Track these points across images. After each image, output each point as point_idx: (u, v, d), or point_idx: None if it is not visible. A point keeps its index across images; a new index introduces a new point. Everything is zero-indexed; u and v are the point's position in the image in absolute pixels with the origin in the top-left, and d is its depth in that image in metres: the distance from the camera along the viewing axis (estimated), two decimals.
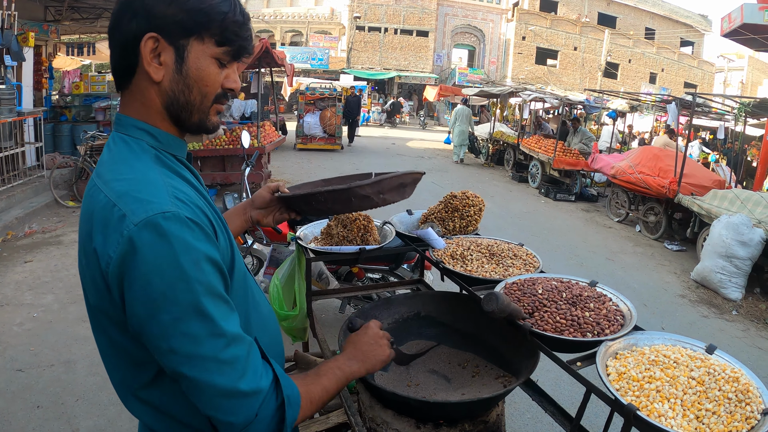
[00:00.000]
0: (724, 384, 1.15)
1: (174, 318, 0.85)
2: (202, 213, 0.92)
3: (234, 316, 0.93)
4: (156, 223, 0.84)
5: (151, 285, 0.84)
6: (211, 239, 0.92)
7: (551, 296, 1.47)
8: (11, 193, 7.32)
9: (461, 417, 1.38)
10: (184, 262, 0.84)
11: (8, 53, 7.71)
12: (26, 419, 3.11)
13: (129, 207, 0.86)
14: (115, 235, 0.85)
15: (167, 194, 0.88)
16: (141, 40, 0.93)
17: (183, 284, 0.85)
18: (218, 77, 1.01)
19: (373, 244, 2.12)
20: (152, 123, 1.00)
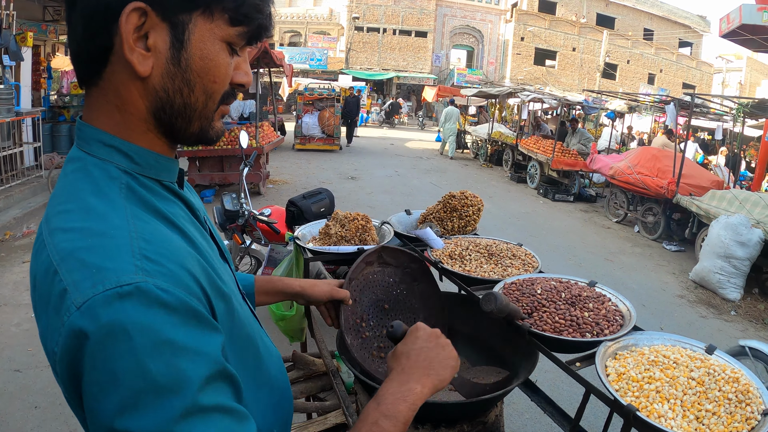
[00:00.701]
0: (724, 384, 1.14)
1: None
2: (189, 275, 0.64)
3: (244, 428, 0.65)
4: (107, 304, 0.56)
5: (106, 400, 0.56)
6: (201, 318, 0.62)
7: (550, 296, 1.47)
8: (9, 193, 7.31)
9: (460, 417, 1.38)
10: (152, 366, 0.56)
11: (6, 53, 7.70)
12: (24, 420, 3.09)
13: (72, 277, 0.59)
14: (55, 322, 0.59)
15: (130, 253, 0.60)
16: (121, 12, 0.63)
17: (152, 401, 0.56)
18: (229, 69, 0.73)
19: (371, 244, 2.11)
20: (127, 137, 0.70)
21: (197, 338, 0.60)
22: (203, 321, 0.62)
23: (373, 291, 1.61)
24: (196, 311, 0.61)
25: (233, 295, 0.76)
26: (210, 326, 0.63)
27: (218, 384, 0.62)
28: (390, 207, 8.92)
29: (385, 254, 1.65)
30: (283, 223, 3.89)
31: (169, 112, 0.71)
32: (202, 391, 0.59)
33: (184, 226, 0.72)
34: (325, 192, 3.46)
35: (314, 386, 1.97)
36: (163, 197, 0.73)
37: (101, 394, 0.56)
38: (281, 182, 10.66)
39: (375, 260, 1.64)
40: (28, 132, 8.43)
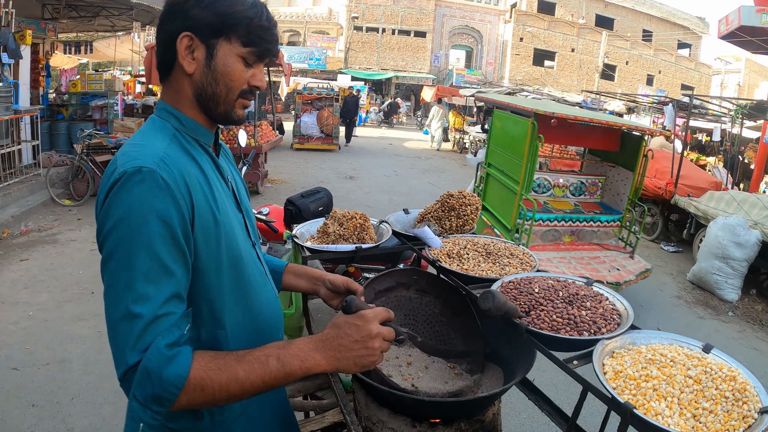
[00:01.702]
0: (721, 383, 1.14)
1: (110, 254, 0.95)
2: (183, 182, 1.00)
3: (164, 284, 0.95)
4: (130, 173, 0.95)
5: (106, 223, 0.96)
6: (177, 204, 0.98)
7: (548, 295, 1.47)
8: (7, 191, 7.30)
9: (457, 416, 1.37)
10: (135, 210, 0.94)
11: (5, 51, 7.69)
12: (21, 418, 3.09)
13: (121, 161, 0.99)
14: (105, 182, 0.99)
15: (155, 156, 1.00)
16: (177, 38, 1.08)
17: (126, 229, 0.94)
18: (243, 74, 1.13)
19: (369, 242, 2.11)
20: (180, 109, 1.14)
21: (168, 212, 0.97)
22: (178, 206, 0.98)
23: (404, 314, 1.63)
24: (176, 199, 0.98)
25: (229, 226, 1.12)
26: (180, 212, 0.99)
27: (168, 245, 0.97)
28: (388, 206, 8.93)
29: (420, 280, 1.67)
30: (281, 222, 3.88)
31: (204, 97, 1.13)
32: (155, 241, 0.95)
33: (205, 169, 1.11)
34: (323, 191, 3.46)
35: (312, 385, 1.97)
36: (197, 149, 1.14)
37: (106, 218, 0.97)
38: (280, 181, 10.66)
39: (410, 284, 1.66)
40: (26, 130, 8.42)
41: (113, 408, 3.22)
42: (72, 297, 4.73)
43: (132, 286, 0.92)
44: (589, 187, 6.45)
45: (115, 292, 0.93)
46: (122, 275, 0.93)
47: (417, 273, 1.69)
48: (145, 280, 0.93)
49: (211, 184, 1.10)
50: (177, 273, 0.98)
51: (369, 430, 1.40)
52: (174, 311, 0.97)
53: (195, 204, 1.02)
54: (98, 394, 3.36)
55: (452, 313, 1.65)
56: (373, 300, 1.54)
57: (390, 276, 1.63)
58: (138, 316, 0.91)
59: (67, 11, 10.81)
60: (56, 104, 11.53)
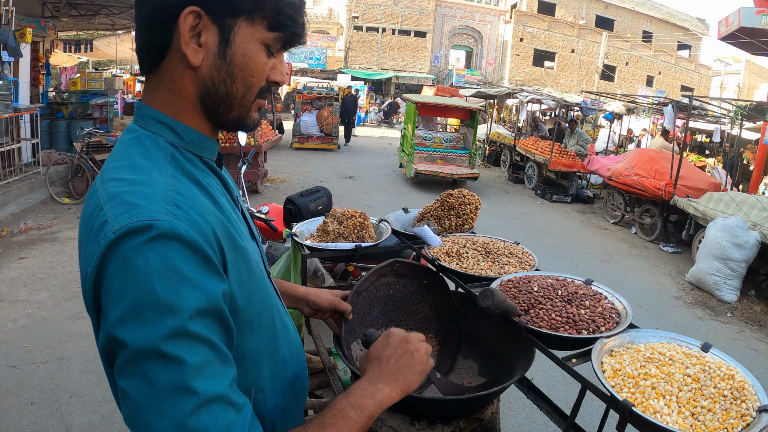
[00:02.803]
0: (719, 381, 1.15)
1: (134, 356, 0.66)
2: (208, 226, 0.74)
3: (223, 372, 0.72)
4: (137, 231, 0.67)
5: (113, 311, 0.67)
6: (211, 264, 0.72)
7: (547, 294, 1.47)
8: (6, 189, 7.29)
9: (456, 414, 1.38)
10: (159, 286, 0.66)
11: (5, 49, 7.68)
12: (20, 415, 3.09)
13: (113, 211, 0.70)
14: (93, 245, 0.70)
15: (163, 199, 0.72)
16: (180, 14, 0.77)
17: (152, 315, 0.66)
18: (265, 67, 0.86)
19: (368, 241, 2.12)
20: (178, 116, 0.84)
21: (203, 276, 0.70)
22: (211, 265, 0.73)
23: (384, 302, 1.65)
24: (207, 255, 0.72)
25: (254, 265, 0.87)
26: (217, 272, 0.73)
27: (211, 320, 0.71)
28: (387, 206, 8.93)
29: (399, 267, 1.68)
30: (280, 221, 3.89)
31: (214, 98, 0.84)
32: (194, 319, 0.68)
33: (215, 195, 0.84)
34: (322, 190, 3.47)
35: (311, 383, 1.97)
36: (201, 169, 0.86)
37: (111, 301, 0.68)
38: (279, 181, 10.65)
39: (389, 272, 1.67)
40: (26, 128, 8.41)
41: (112, 406, 3.22)
42: (71, 295, 4.73)
43: (188, 388, 0.67)
44: (455, 139, 12.43)
45: (164, 406, 0.66)
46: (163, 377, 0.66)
47: (397, 262, 1.68)
48: (201, 375, 0.68)
49: (228, 217, 0.83)
50: (231, 357, 0.75)
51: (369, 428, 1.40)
52: (247, 401, 0.77)
53: (226, 253, 0.77)
54: (97, 392, 3.36)
55: (426, 290, 1.69)
56: (356, 299, 1.53)
57: (372, 275, 1.62)
58: (223, 425, 0.69)
59: (68, 9, 10.80)
60: (56, 102, 11.52)
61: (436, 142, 12.05)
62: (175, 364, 0.66)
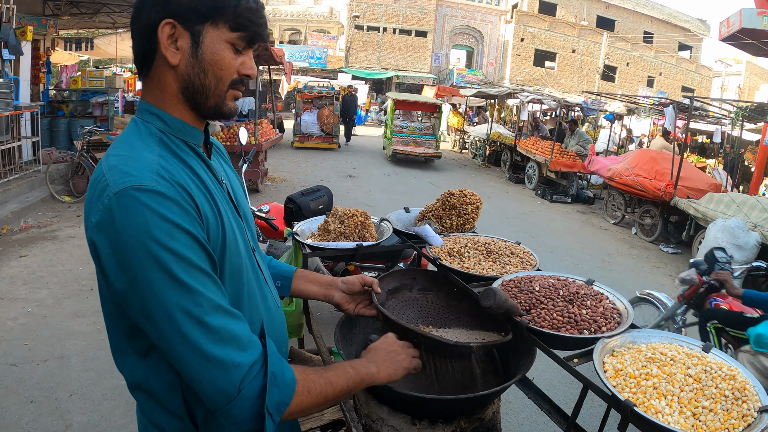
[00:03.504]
0: (720, 382, 1.15)
1: (149, 284, 0.87)
2: (185, 192, 0.93)
3: (216, 289, 0.93)
4: (131, 193, 0.87)
5: (124, 254, 0.87)
6: (190, 215, 0.92)
7: (548, 294, 1.47)
8: (7, 187, 7.29)
9: (457, 414, 1.38)
10: (155, 229, 0.86)
11: (6, 47, 7.68)
12: (19, 414, 3.09)
13: (112, 178, 0.89)
14: (97, 203, 0.89)
15: (150, 171, 0.91)
16: (158, 26, 0.97)
17: (154, 252, 0.86)
18: (233, 62, 1.03)
19: (370, 240, 2.12)
20: (165, 108, 1.03)
21: (185, 220, 0.90)
22: (190, 214, 0.92)
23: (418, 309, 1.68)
24: (185, 208, 0.91)
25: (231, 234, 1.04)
26: (195, 219, 0.93)
27: (200, 252, 0.92)
28: (388, 205, 8.92)
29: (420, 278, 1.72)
30: (281, 220, 3.89)
31: (192, 90, 1.02)
32: (188, 253, 0.89)
33: (198, 173, 1.02)
34: (323, 189, 3.47)
35: None
36: (185, 152, 1.04)
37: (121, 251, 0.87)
38: (279, 180, 10.65)
39: (412, 286, 1.71)
40: (26, 126, 8.41)
41: (111, 404, 3.22)
42: (71, 293, 4.73)
43: (197, 302, 0.89)
44: (425, 128, 15.62)
45: (179, 317, 0.88)
46: (174, 298, 0.88)
47: (417, 273, 1.74)
48: (205, 291, 0.91)
49: (209, 189, 1.02)
50: (219, 282, 0.97)
51: (369, 427, 1.41)
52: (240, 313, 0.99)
53: (203, 214, 0.96)
54: (96, 391, 3.36)
55: (457, 302, 1.69)
56: (386, 299, 1.59)
57: (393, 276, 1.67)
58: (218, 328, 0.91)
59: (68, 8, 10.81)
60: (56, 101, 11.52)
61: (410, 129, 15.46)
62: (184, 285, 0.88)
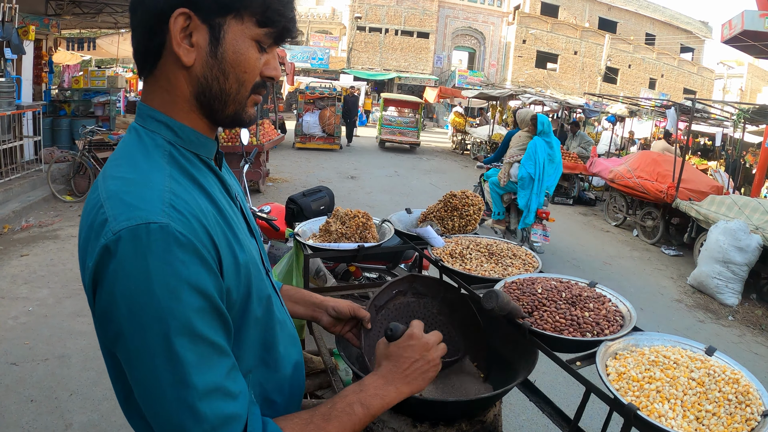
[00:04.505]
0: (724, 385, 1.14)
1: (139, 352, 0.72)
2: (203, 230, 0.77)
3: (220, 364, 0.77)
4: (135, 234, 0.71)
5: (117, 310, 0.72)
6: (207, 264, 0.76)
7: (551, 296, 1.46)
8: (8, 186, 7.30)
9: (458, 416, 1.37)
10: (157, 287, 0.71)
11: (8, 46, 7.70)
12: (19, 413, 3.09)
13: (113, 211, 0.74)
14: (94, 242, 0.74)
15: (161, 200, 0.75)
16: (170, 16, 0.80)
17: (152, 315, 0.71)
18: (258, 63, 0.87)
19: (371, 241, 2.11)
20: (174, 115, 0.87)
21: (198, 275, 0.74)
22: (206, 264, 0.76)
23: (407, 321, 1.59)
24: (202, 255, 0.75)
25: (252, 262, 0.89)
26: (211, 270, 0.77)
27: (208, 316, 0.76)
28: (389, 206, 8.92)
29: (417, 284, 1.64)
30: (282, 221, 3.88)
31: (208, 96, 0.86)
32: (192, 317, 0.73)
33: (214, 194, 0.87)
34: (325, 190, 3.46)
35: (312, 384, 1.96)
36: (199, 168, 0.88)
37: (113, 303, 0.72)
38: (281, 180, 10.65)
39: (407, 290, 1.63)
40: (28, 125, 8.43)
41: (111, 404, 3.22)
42: (72, 293, 4.73)
43: (188, 383, 0.73)
44: (410, 121, 18.51)
45: (167, 395, 0.73)
46: (166, 374, 0.72)
47: (415, 278, 1.67)
48: (200, 370, 0.74)
49: (226, 216, 0.86)
50: (227, 348, 0.80)
51: (369, 429, 1.40)
52: (241, 387, 0.82)
53: (222, 256, 0.80)
54: (97, 390, 3.35)
55: (450, 311, 1.64)
56: (375, 316, 1.51)
57: (389, 288, 1.60)
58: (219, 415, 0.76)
59: (71, 7, 10.82)
60: (58, 100, 11.53)
61: (397, 122, 18.47)
62: (176, 361, 0.72)
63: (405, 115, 19.04)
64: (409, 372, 1.01)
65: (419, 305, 1.64)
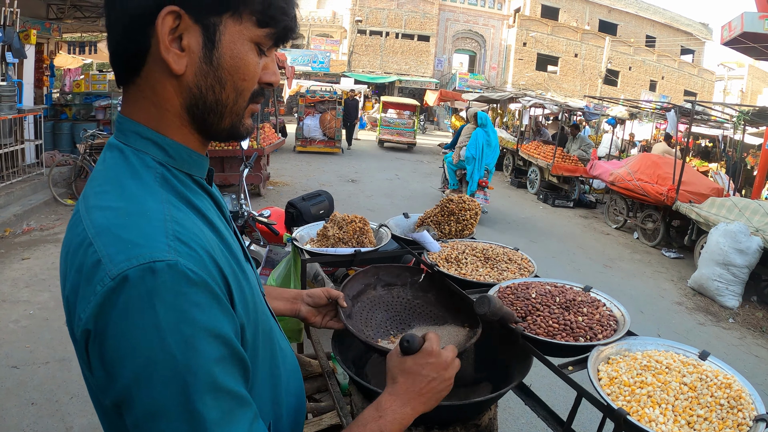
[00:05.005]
0: (716, 390, 1.15)
1: (150, 415, 0.62)
2: (213, 263, 0.68)
3: (243, 417, 0.69)
4: (139, 277, 0.60)
5: (122, 367, 0.61)
6: (222, 304, 0.67)
7: (545, 300, 1.47)
8: (10, 190, 7.32)
9: (453, 420, 1.38)
10: (171, 339, 0.61)
11: (10, 50, 7.73)
12: (20, 416, 3.10)
13: (107, 250, 0.63)
14: (86, 289, 0.63)
15: (163, 233, 0.64)
16: (157, 16, 0.68)
17: (166, 372, 0.61)
18: (257, 68, 0.77)
19: (368, 246, 2.12)
20: (163, 131, 0.75)
21: (215, 319, 0.65)
22: (221, 304, 0.67)
23: (386, 309, 1.62)
24: (216, 294, 0.66)
25: (255, 292, 0.81)
26: (227, 310, 0.68)
27: (229, 365, 0.67)
28: (390, 210, 8.93)
29: (382, 274, 1.66)
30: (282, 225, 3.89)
31: (202, 108, 0.75)
32: (213, 370, 0.64)
33: (212, 219, 0.77)
34: (324, 194, 3.47)
35: (310, 387, 1.98)
36: (193, 191, 0.78)
37: (119, 361, 0.61)
38: (281, 184, 10.67)
39: (375, 283, 1.65)
40: (29, 129, 8.46)
41: None
42: None
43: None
44: (407, 122, 19.72)
45: None
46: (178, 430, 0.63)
47: (378, 269, 1.68)
48: (223, 429, 0.65)
49: (228, 243, 0.78)
50: (248, 396, 0.72)
51: None
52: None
53: (232, 289, 0.71)
54: None
55: (423, 293, 1.67)
56: (352, 306, 1.53)
57: (356, 279, 1.62)
58: None
59: (72, 11, 10.86)
60: (60, 104, 11.57)
61: (396, 123, 19.82)
62: (198, 422, 0.62)
63: (403, 117, 20.36)
64: (426, 391, 0.94)
65: (392, 296, 1.66)
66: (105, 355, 0.62)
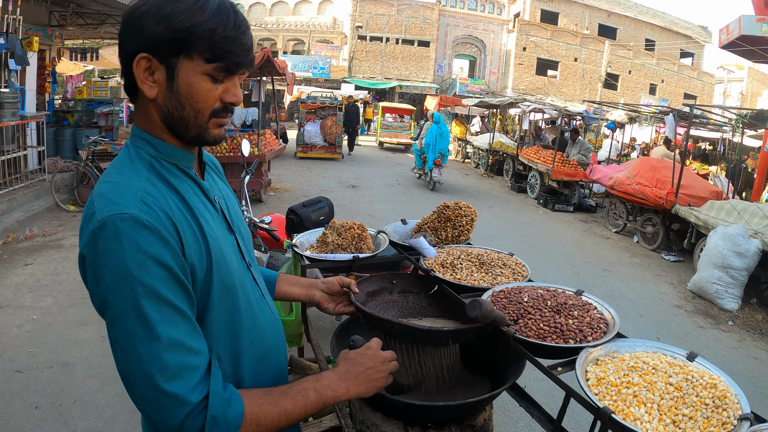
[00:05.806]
0: (701, 390, 1.18)
1: (117, 313, 0.90)
2: (168, 219, 0.95)
3: (181, 324, 0.93)
4: (112, 222, 0.90)
5: (101, 280, 0.90)
6: (169, 245, 0.93)
7: (536, 304, 1.51)
8: (12, 196, 7.37)
9: (448, 420, 1.41)
10: (129, 261, 0.88)
11: (12, 57, 7.79)
12: (24, 420, 3.13)
13: (99, 206, 0.93)
14: (85, 229, 0.93)
15: (134, 198, 0.93)
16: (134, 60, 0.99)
17: (126, 283, 0.88)
18: (212, 93, 1.02)
19: (366, 252, 2.16)
20: (154, 134, 1.05)
21: (161, 253, 0.92)
22: (168, 244, 0.93)
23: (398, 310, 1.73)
24: (165, 237, 0.93)
25: (225, 254, 1.06)
26: (173, 249, 0.94)
27: (172, 284, 0.93)
28: (389, 215, 8.97)
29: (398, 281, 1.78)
30: (283, 231, 3.94)
31: (172, 121, 1.03)
32: (158, 284, 0.91)
33: (188, 197, 1.04)
34: (324, 200, 3.51)
35: None
36: (176, 176, 1.05)
37: (100, 276, 0.91)
38: (282, 190, 10.72)
39: (392, 288, 1.76)
40: (32, 135, 8.51)
41: (115, 411, 3.27)
42: (75, 301, 4.78)
43: (155, 337, 0.89)
44: (405, 124, 22.38)
45: (139, 349, 0.89)
46: (138, 330, 0.89)
47: (396, 277, 1.81)
48: (164, 327, 0.90)
49: (195, 212, 1.03)
50: (189, 313, 0.96)
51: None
52: (201, 347, 0.97)
53: (184, 241, 0.96)
54: (100, 398, 3.40)
55: (437, 302, 1.77)
56: (365, 301, 1.65)
57: (373, 279, 1.75)
58: (181, 365, 0.91)
59: (74, 18, 10.95)
60: (62, 110, 11.63)
61: (394, 125, 22.16)
62: (145, 319, 0.89)
63: (400, 121, 22.58)
64: (361, 376, 1.14)
65: (407, 301, 1.78)
66: (92, 272, 0.92)
